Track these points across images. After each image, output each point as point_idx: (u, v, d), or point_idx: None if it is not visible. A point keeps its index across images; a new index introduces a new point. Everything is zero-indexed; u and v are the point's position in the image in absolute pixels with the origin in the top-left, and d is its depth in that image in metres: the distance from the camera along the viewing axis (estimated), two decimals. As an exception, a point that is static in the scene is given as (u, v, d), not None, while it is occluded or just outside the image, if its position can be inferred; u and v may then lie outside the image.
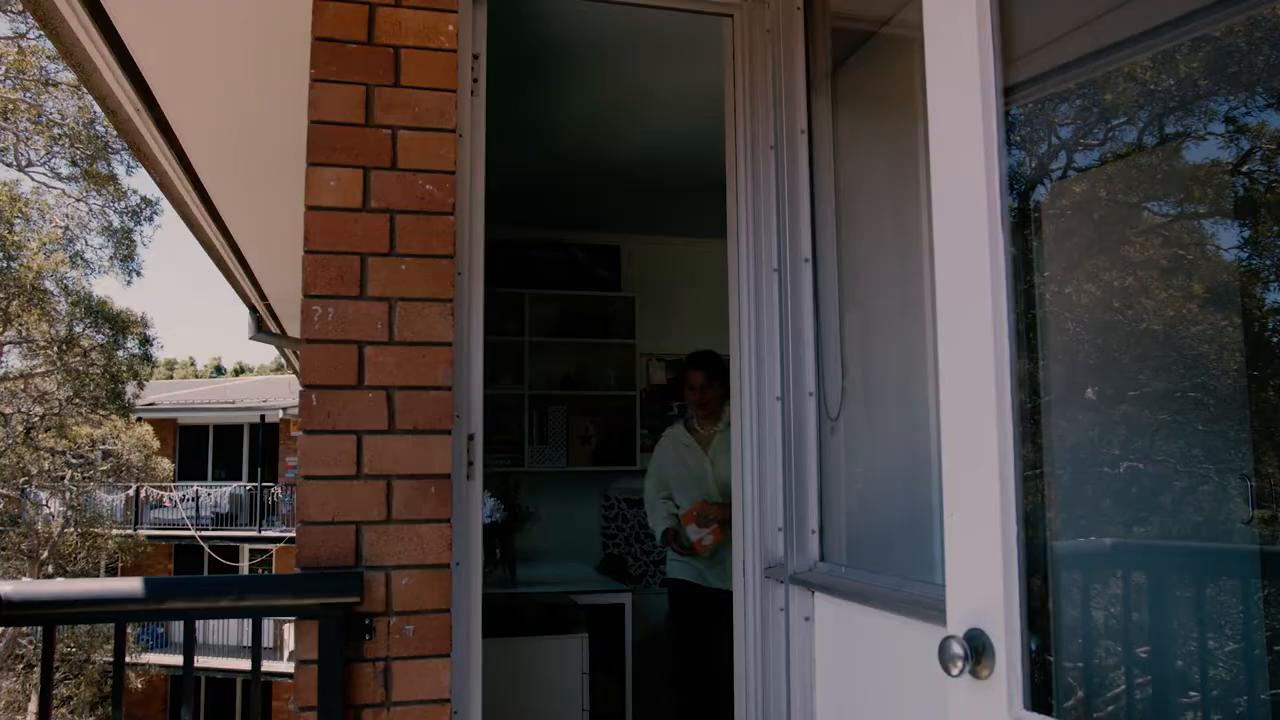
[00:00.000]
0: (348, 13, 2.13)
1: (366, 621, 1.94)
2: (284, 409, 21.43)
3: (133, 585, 1.85)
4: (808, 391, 2.48)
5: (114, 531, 18.87)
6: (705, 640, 4.17)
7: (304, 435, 1.95)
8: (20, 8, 13.92)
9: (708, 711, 4.17)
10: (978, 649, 1.36)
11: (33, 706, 16.77)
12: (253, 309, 7.39)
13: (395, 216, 2.06)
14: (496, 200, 2.43)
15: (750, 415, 2.57)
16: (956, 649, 1.36)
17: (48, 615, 1.82)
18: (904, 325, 2.56)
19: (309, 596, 1.90)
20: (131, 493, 20.65)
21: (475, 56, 2.32)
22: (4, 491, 16.27)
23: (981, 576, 1.39)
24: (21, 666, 16.76)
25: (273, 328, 7.82)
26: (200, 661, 16.31)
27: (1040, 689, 1.42)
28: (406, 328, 2.02)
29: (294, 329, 7.86)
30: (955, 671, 1.37)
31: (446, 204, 2.10)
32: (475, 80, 2.32)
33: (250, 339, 7.78)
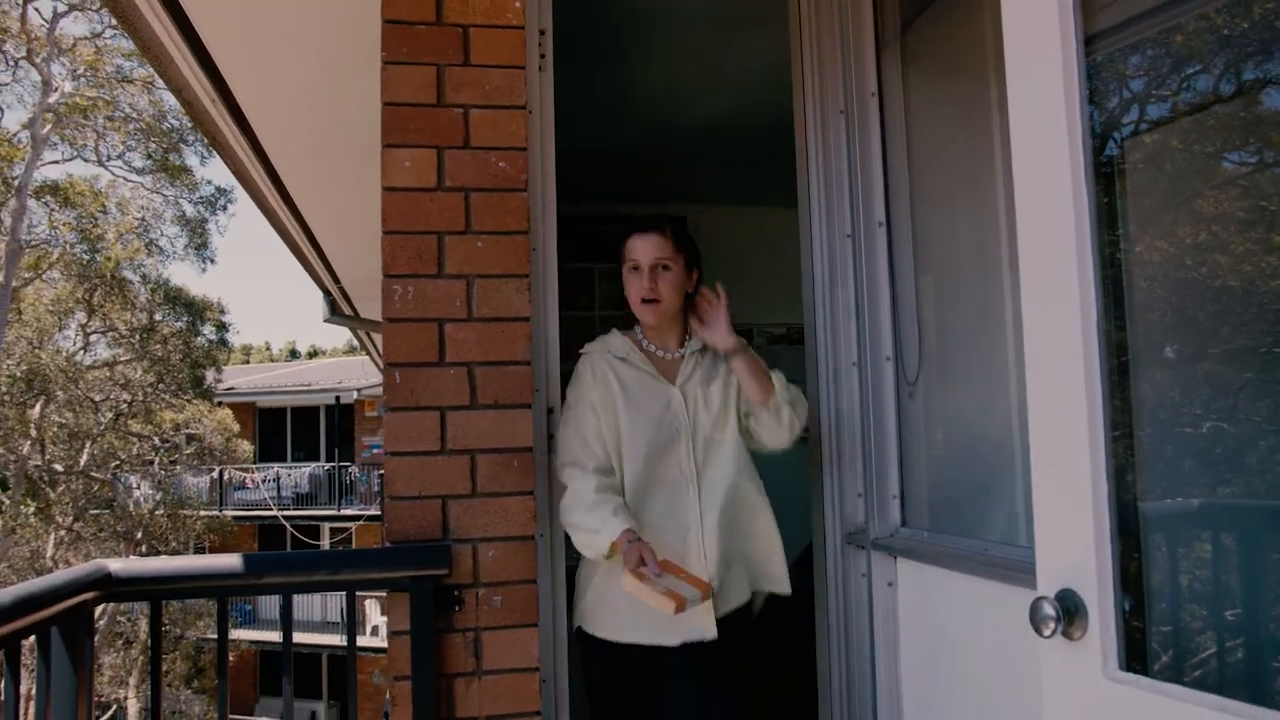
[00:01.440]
0: (416, -6, 2.15)
1: (455, 593, 1.99)
2: (358, 390, 21.87)
3: (233, 561, 1.92)
4: (885, 356, 2.47)
5: (201, 512, 19.51)
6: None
7: (389, 412, 2.00)
8: (98, 6, 14.30)
9: None
10: (1070, 609, 1.35)
11: (134, 680, 17.48)
12: (326, 292, 7.54)
13: (470, 195, 2.09)
14: (563, 175, 2.44)
15: (827, 382, 2.56)
16: (1048, 610, 1.35)
17: (155, 591, 1.90)
18: (981, 288, 2.52)
19: (399, 569, 1.95)
20: (215, 475, 21.29)
21: (542, 32, 2.32)
22: (98, 476, 16.90)
23: (1072, 536, 1.37)
24: (121, 643, 17.46)
25: (346, 310, 7.96)
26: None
27: (1134, 650, 1.40)
28: (485, 304, 2.05)
29: (367, 311, 8.01)
30: (1047, 633, 1.36)
31: (520, 180, 2.12)
32: (543, 56, 2.33)
33: (325, 321, 7.95)
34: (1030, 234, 1.46)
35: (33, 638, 1.64)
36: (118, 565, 1.85)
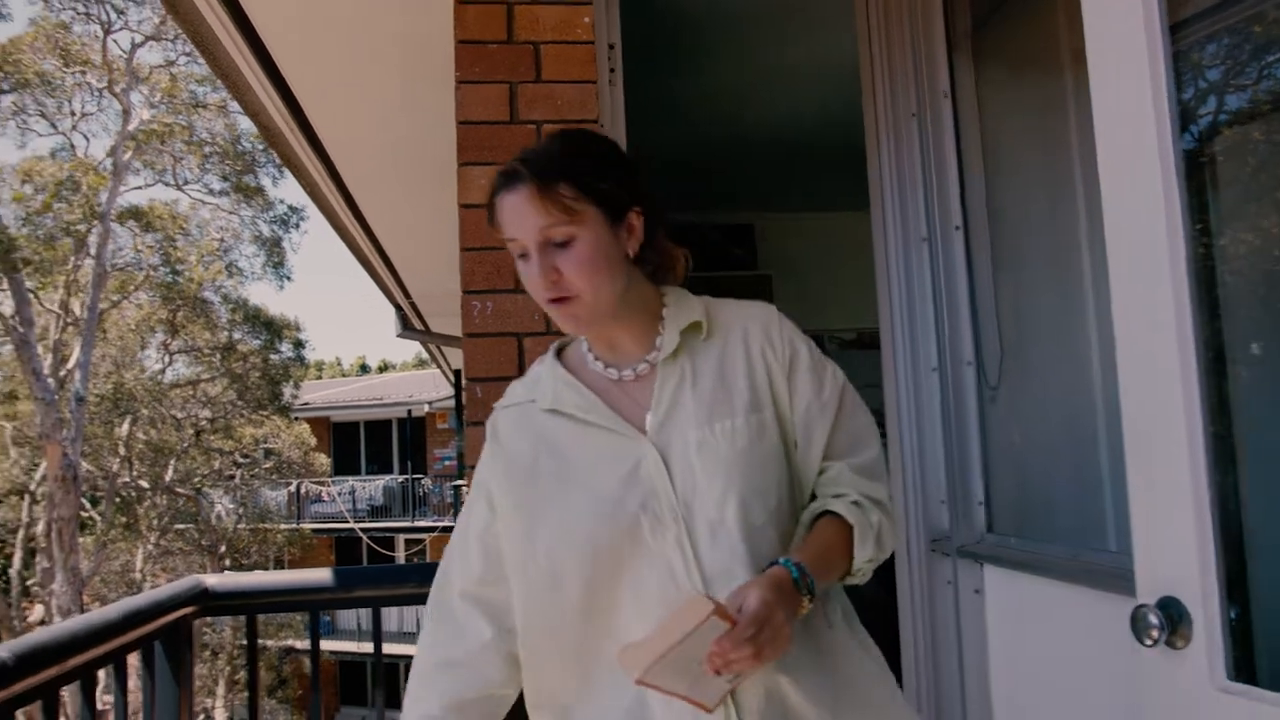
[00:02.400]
0: (487, 14, 2.18)
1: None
2: (429, 403, 22.18)
3: (324, 575, 1.96)
4: (965, 361, 2.43)
5: (281, 526, 19.96)
6: None
7: (470, 426, 2.02)
8: (173, 36, 14.80)
9: None
10: (1173, 618, 1.31)
11: (220, 689, 17.94)
12: (398, 307, 7.66)
13: (545, 209, 2.10)
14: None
15: (906, 387, 2.53)
16: (1151, 619, 1.31)
17: (250, 605, 1.95)
18: (1063, 288, 2.47)
19: (485, 581, 1.97)
20: (293, 488, 21.76)
21: (611, 46, 2.34)
22: (183, 491, 17.39)
23: (1173, 541, 1.34)
24: (208, 653, 17.93)
25: (418, 325, 8.09)
26: (366, 646, 17.17)
27: (1241, 658, 1.36)
28: (562, 317, 2.07)
29: (438, 325, 8.12)
30: (1150, 642, 1.32)
31: (594, 193, 2.13)
32: (612, 70, 2.34)
33: (397, 336, 8.08)
34: (1119, 231, 1.43)
35: (138, 651, 1.69)
36: (214, 580, 1.91)
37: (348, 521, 21.41)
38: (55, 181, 14.59)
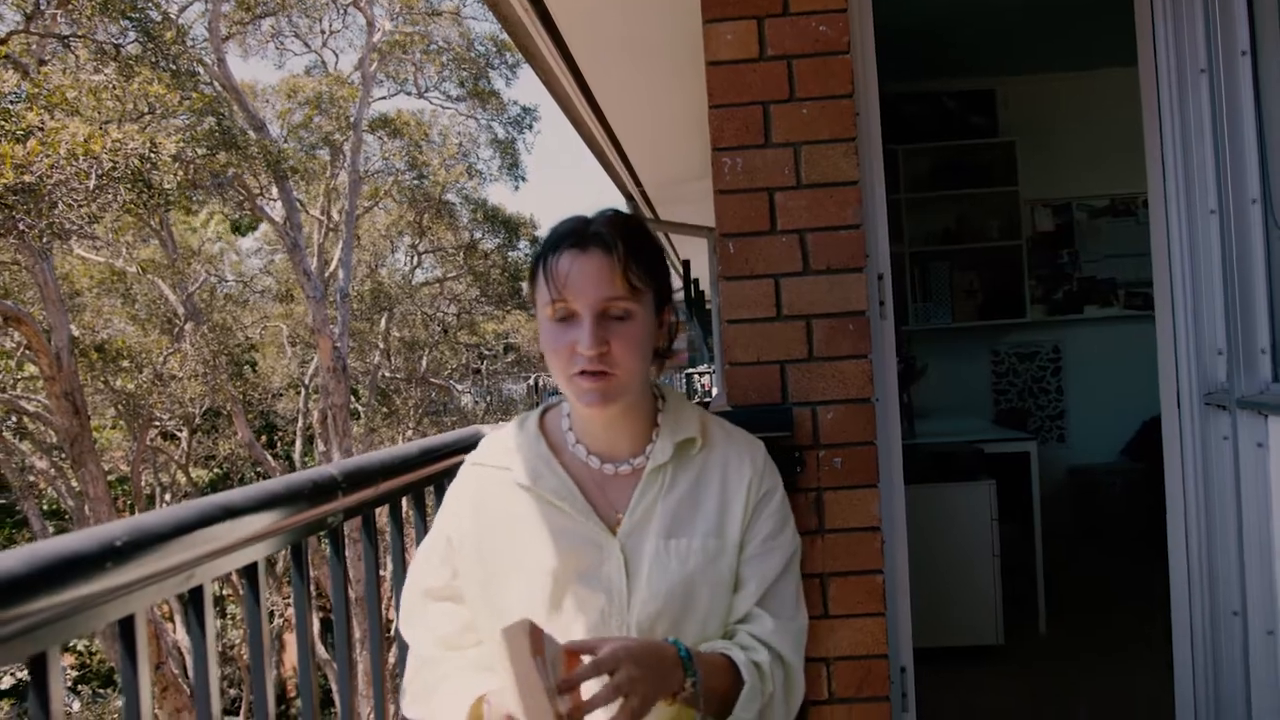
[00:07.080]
0: None
1: (796, 454, 2.06)
2: (657, 293, 22.61)
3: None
4: (1250, 199, 2.23)
5: (525, 414, 21.15)
6: None
7: (725, 281, 2.08)
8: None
9: None
10: None
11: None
12: (629, 197, 7.83)
13: (792, 62, 2.08)
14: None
15: (1178, 234, 2.37)
16: None
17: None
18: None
19: (744, 430, 2.04)
20: (531, 381, 22.91)
21: (853, -111, 2.25)
22: (436, 381, 18.73)
23: None
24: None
25: (647, 213, 8.25)
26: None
27: None
28: (813, 170, 2.06)
29: (667, 213, 8.25)
30: None
31: (841, 43, 2.09)
32: (855, -86, 2.26)
33: (628, 226, 8.26)
34: None
35: (432, 486, 1.88)
36: (491, 430, 2.07)
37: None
38: (313, 96, 15.65)
